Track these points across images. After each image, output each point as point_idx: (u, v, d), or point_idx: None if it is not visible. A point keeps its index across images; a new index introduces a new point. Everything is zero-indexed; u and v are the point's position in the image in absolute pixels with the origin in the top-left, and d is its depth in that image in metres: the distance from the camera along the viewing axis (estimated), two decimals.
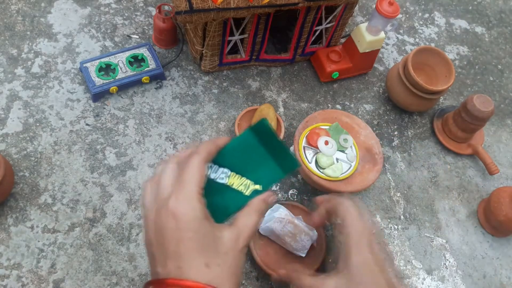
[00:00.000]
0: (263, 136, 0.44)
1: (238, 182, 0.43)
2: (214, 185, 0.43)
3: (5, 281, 0.64)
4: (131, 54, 0.83)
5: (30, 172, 0.72)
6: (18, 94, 0.79)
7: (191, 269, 0.37)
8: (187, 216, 0.38)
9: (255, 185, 0.43)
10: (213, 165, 0.44)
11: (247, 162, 0.44)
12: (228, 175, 0.43)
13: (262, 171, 0.44)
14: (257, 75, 0.90)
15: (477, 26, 1.10)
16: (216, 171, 0.43)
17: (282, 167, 0.44)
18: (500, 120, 0.96)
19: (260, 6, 0.72)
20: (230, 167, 0.44)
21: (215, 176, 0.43)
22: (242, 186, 0.43)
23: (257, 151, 0.44)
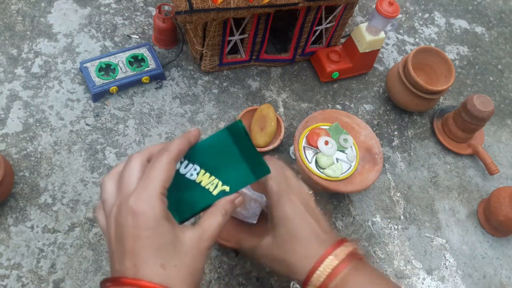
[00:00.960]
0: (237, 138, 0.44)
1: (207, 180, 0.43)
2: (183, 180, 0.42)
3: (5, 281, 0.64)
4: (131, 54, 0.83)
5: (30, 172, 0.72)
6: (18, 94, 0.79)
7: (146, 268, 0.37)
8: (146, 215, 0.37)
9: (223, 186, 0.43)
10: (184, 160, 0.43)
11: (218, 161, 0.43)
12: (198, 172, 0.43)
13: (233, 173, 0.43)
14: (257, 75, 0.90)
15: (477, 26, 1.10)
16: (186, 166, 0.43)
17: (254, 171, 0.44)
18: (500, 120, 0.96)
19: (260, 6, 0.72)
20: (201, 165, 0.43)
21: (185, 171, 0.43)
22: (211, 185, 0.43)
23: (230, 151, 0.44)
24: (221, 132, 0.44)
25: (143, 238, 0.37)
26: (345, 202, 0.79)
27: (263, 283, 0.69)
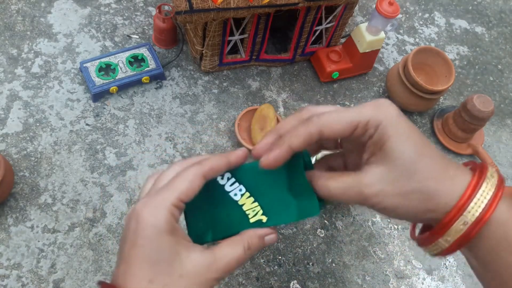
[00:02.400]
0: (294, 167, 0.39)
1: (249, 205, 0.39)
2: (225, 198, 0.39)
3: (5, 281, 0.64)
4: (131, 54, 0.83)
5: (30, 172, 0.72)
6: (18, 94, 0.79)
7: (133, 279, 0.34)
8: (147, 223, 0.34)
9: (262, 216, 0.39)
10: (231, 177, 0.40)
11: (266, 187, 0.39)
12: (242, 194, 0.39)
13: (276, 205, 0.39)
14: (257, 75, 0.90)
15: (477, 26, 1.10)
16: (232, 184, 0.40)
17: (299, 209, 0.39)
18: (500, 120, 0.96)
19: (260, 6, 0.72)
20: (247, 187, 0.40)
21: (230, 189, 0.40)
22: (251, 211, 0.39)
23: (281, 180, 0.39)
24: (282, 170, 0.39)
25: (138, 246, 0.34)
26: None
27: (263, 283, 0.69)
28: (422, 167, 0.33)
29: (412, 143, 0.34)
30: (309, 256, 0.73)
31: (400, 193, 0.34)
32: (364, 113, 0.34)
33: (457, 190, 0.33)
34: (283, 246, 0.73)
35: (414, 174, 0.33)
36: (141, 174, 0.75)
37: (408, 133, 0.34)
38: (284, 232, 0.74)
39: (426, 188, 0.33)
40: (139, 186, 0.74)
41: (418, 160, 0.34)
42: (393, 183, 0.34)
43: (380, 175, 0.34)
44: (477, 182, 0.33)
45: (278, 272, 0.71)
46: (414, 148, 0.34)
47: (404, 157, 0.33)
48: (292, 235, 0.74)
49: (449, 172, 0.34)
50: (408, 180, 0.33)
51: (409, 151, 0.33)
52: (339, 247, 0.75)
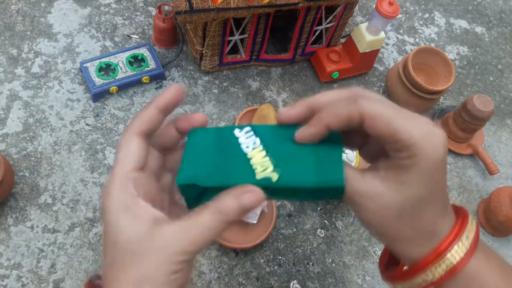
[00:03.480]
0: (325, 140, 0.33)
1: (258, 159, 0.33)
2: (235, 149, 0.34)
3: (5, 281, 0.64)
4: (131, 54, 0.83)
5: (30, 172, 0.72)
6: (18, 94, 0.79)
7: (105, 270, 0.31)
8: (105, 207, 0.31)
9: (272, 172, 0.32)
10: (250, 131, 0.35)
11: (285, 145, 0.34)
12: (255, 147, 0.34)
13: (292, 163, 0.33)
14: (257, 75, 0.90)
15: (477, 26, 1.10)
16: (248, 137, 0.34)
17: (320, 174, 0.32)
18: (500, 120, 0.96)
19: (260, 6, 0.72)
20: (263, 140, 0.34)
21: (243, 141, 0.34)
22: (259, 166, 0.33)
23: (306, 146, 0.34)
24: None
25: (104, 233, 0.31)
26: None
27: (263, 283, 0.69)
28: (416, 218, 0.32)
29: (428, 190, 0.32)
30: (309, 256, 0.73)
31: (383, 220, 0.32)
32: (414, 134, 0.30)
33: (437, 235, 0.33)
34: (283, 246, 0.73)
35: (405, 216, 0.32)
36: None
37: (434, 181, 0.32)
38: (284, 232, 0.74)
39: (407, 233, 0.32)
40: None
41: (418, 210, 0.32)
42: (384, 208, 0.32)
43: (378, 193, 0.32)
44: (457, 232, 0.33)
45: (278, 272, 0.71)
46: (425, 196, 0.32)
47: (410, 198, 0.31)
48: (292, 235, 0.74)
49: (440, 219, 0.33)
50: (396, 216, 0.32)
51: (418, 197, 0.31)
52: (339, 247, 0.75)
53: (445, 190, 0.33)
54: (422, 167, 0.30)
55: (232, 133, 0.35)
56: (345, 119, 0.31)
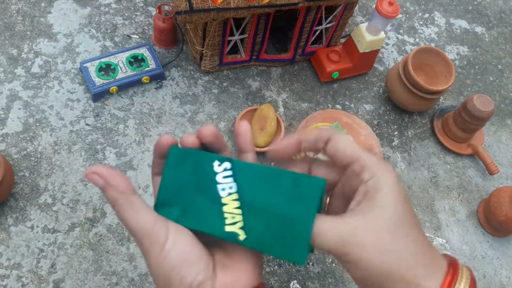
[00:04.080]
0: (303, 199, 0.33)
1: (231, 208, 0.33)
2: (211, 188, 0.34)
3: (5, 281, 0.64)
4: (131, 54, 0.83)
5: (30, 172, 0.72)
6: (18, 94, 0.79)
7: None
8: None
9: (241, 230, 0.33)
10: (229, 170, 0.34)
11: (261, 200, 0.33)
12: (230, 193, 0.33)
13: (262, 225, 0.33)
14: (257, 75, 0.90)
15: (477, 26, 1.10)
16: (226, 177, 0.34)
17: (285, 247, 0.32)
18: (500, 120, 0.96)
19: (260, 6, 0.72)
20: (240, 188, 0.33)
21: (220, 181, 0.34)
22: (230, 217, 0.33)
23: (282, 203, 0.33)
24: (295, 175, 0.33)
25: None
26: None
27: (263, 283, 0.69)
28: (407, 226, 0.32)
29: (402, 202, 0.33)
30: (309, 256, 0.73)
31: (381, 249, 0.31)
32: (370, 158, 0.34)
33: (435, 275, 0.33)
34: None
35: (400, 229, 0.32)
36: (141, 174, 0.75)
37: (401, 194, 0.33)
38: None
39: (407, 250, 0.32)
40: (139, 186, 0.74)
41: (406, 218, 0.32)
42: (378, 235, 0.31)
43: (365, 224, 0.32)
44: (450, 279, 0.33)
45: (278, 272, 0.71)
46: (404, 208, 0.33)
47: (393, 210, 0.32)
48: None
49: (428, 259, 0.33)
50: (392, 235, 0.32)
51: (400, 206, 0.32)
52: None
53: (417, 218, 0.35)
54: (385, 183, 0.32)
55: (211, 166, 0.34)
56: (315, 136, 0.35)
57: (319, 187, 0.33)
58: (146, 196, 0.73)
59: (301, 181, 0.33)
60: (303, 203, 0.32)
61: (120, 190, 0.33)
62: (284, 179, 0.33)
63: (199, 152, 0.35)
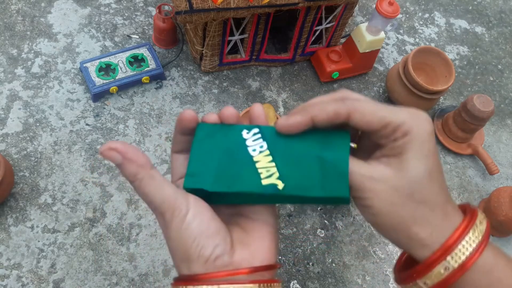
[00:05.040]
0: (334, 147, 0.34)
1: (264, 163, 0.34)
2: (242, 151, 0.34)
3: (5, 281, 0.64)
4: (131, 54, 0.83)
5: (30, 172, 0.72)
6: (18, 94, 0.79)
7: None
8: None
9: (278, 180, 0.33)
10: (258, 133, 0.35)
11: (292, 153, 0.34)
12: (262, 151, 0.34)
13: (299, 174, 0.33)
14: (257, 75, 0.90)
15: (477, 26, 1.10)
16: (256, 140, 0.34)
17: (325, 186, 0.33)
18: (500, 120, 0.96)
19: (260, 6, 0.72)
20: (270, 145, 0.34)
21: (250, 144, 0.34)
22: (265, 171, 0.33)
23: (313, 154, 0.34)
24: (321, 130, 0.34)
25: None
26: None
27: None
28: (427, 192, 0.33)
29: (430, 165, 0.33)
30: (309, 256, 0.73)
31: (394, 202, 0.32)
32: (400, 116, 0.32)
33: (446, 229, 0.32)
34: (283, 246, 0.73)
35: (417, 193, 0.32)
36: None
37: (431, 154, 0.33)
38: (284, 232, 0.74)
39: (420, 212, 0.32)
40: None
41: (427, 184, 0.33)
42: (394, 190, 0.32)
43: (386, 175, 0.32)
44: (466, 226, 0.33)
45: (278, 272, 0.71)
46: (430, 171, 0.33)
47: (416, 174, 0.32)
48: (292, 235, 0.74)
49: (447, 208, 0.33)
50: (407, 195, 0.32)
51: (423, 171, 0.32)
52: (339, 247, 0.75)
53: (441, 168, 0.34)
54: (417, 141, 0.32)
55: (240, 134, 0.35)
56: (332, 114, 0.33)
57: (346, 135, 0.34)
58: None
59: (328, 133, 0.34)
60: (335, 148, 0.34)
61: (139, 164, 0.32)
62: (311, 134, 0.34)
63: (227, 125, 0.35)
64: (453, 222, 0.33)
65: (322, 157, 0.34)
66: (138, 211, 0.72)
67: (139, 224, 0.71)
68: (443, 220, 0.33)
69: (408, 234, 0.33)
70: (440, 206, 0.33)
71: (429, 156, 0.33)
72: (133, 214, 0.71)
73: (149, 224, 0.71)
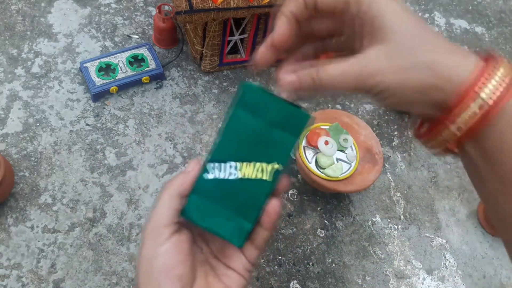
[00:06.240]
0: (256, 106, 0.38)
1: (251, 170, 0.36)
2: (226, 185, 0.36)
3: (5, 281, 0.64)
4: (131, 54, 0.83)
5: (30, 172, 0.72)
6: (18, 94, 0.79)
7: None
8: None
9: (273, 165, 0.36)
10: (215, 164, 0.37)
11: (251, 144, 0.37)
12: (237, 168, 0.36)
13: (273, 146, 0.37)
14: (257, 75, 0.90)
15: (477, 26, 1.10)
16: (221, 169, 0.37)
17: (291, 129, 0.37)
18: None
19: (260, 6, 0.72)
20: (236, 159, 0.37)
21: (224, 174, 0.36)
22: (259, 173, 0.36)
23: (257, 127, 0.37)
24: (235, 113, 0.37)
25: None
26: (345, 202, 0.79)
27: (263, 283, 0.69)
28: (424, 40, 0.29)
29: (410, 18, 0.30)
30: (309, 256, 0.73)
31: (402, 67, 0.29)
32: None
33: (469, 65, 0.28)
34: (283, 246, 0.73)
35: (416, 47, 0.29)
36: (141, 174, 0.75)
37: (404, 9, 0.30)
38: (284, 232, 0.74)
39: (431, 59, 0.28)
40: (139, 186, 0.74)
41: (419, 33, 0.29)
42: (394, 58, 0.29)
43: (378, 52, 0.29)
44: (493, 61, 0.28)
45: (278, 272, 0.71)
46: (413, 23, 0.29)
47: (403, 30, 0.29)
48: (292, 235, 0.74)
49: (458, 49, 0.29)
50: (410, 53, 0.29)
51: (407, 25, 0.29)
52: (339, 247, 0.75)
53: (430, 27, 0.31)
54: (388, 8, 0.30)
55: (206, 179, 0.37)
56: (300, 3, 0.33)
57: (254, 88, 0.37)
58: (146, 196, 0.73)
59: (242, 108, 0.38)
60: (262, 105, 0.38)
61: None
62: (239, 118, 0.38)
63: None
64: (475, 58, 0.28)
65: (266, 122, 0.37)
66: (138, 211, 0.72)
67: (139, 224, 0.71)
68: (464, 56, 0.28)
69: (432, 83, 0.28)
70: (451, 47, 0.29)
71: (405, 11, 0.30)
72: (133, 214, 0.71)
73: None
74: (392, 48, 0.29)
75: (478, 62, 0.28)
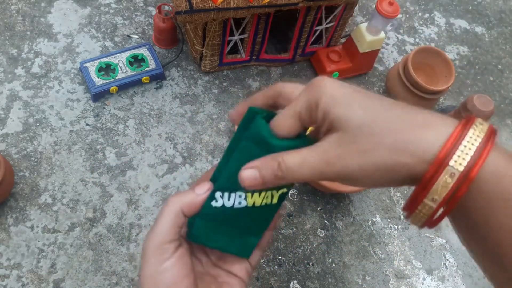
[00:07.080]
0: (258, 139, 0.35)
1: (259, 198, 0.36)
2: (233, 211, 0.36)
3: (5, 281, 0.64)
4: (131, 54, 0.83)
5: (30, 172, 0.72)
6: (18, 94, 0.79)
7: None
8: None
9: (278, 191, 0.36)
10: (224, 193, 0.36)
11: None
12: (245, 197, 0.36)
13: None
14: (257, 75, 0.90)
15: (477, 26, 1.10)
16: (229, 198, 0.36)
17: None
18: (500, 120, 0.96)
19: (260, 6, 0.72)
20: (244, 189, 0.35)
21: (232, 203, 0.36)
22: (267, 199, 0.36)
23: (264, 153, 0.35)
24: (243, 139, 0.35)
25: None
26: (345, 202, 0.79)
27: (263, 283, 0.69)
28: (380, 123, 0.29)
29: (357, 106, 0.30)
30: (309, 256, 0.73)
31: (362, 150, 0.28)
32: (300, 101, 0.33)
33: (437, 138, 0.27)
34: (283, 246, 0.73)
35: (372, 131, 0.29)
36: (141, 174, 0.75)
37: (350, 99, 0.31)
38: (284, 232, 0.74)
39: (392, 139, 0.28)
40: (139, 186, 0.74)
41: (373, 119, 0.29)
42: (352, 143, 0.29)
43: (337, 139, 0.30)
44: (463, 126, 0.27)
45: (278, 272, 0.71)
46: (363, 110, 0.30)
47: (353, 121, 0.29)
48: (292, 235, 0.74)
49: (421, 121, 0.29)
50: (367, 138, 0.28)
51: (357, 115, 0.29)
52: (339, 247, 0.75)
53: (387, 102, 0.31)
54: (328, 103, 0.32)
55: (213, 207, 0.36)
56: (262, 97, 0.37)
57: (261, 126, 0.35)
58: (146, 196, 0.73)
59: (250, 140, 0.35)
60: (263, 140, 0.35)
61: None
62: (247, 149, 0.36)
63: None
64: (444, 127, 0.28)
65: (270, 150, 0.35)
66: (138, 211, 0.72)
67: (139, 224, 0.71)
68: (429, 128, 0.29)
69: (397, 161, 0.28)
70: (412, 122, 0.30)
71: (351, 101, 0.31)
72: (133, 214, 0.71)
73: (149, 224, 0.71)
74: (347, 135, 0.29)
75: (450, 131, 0.28)
